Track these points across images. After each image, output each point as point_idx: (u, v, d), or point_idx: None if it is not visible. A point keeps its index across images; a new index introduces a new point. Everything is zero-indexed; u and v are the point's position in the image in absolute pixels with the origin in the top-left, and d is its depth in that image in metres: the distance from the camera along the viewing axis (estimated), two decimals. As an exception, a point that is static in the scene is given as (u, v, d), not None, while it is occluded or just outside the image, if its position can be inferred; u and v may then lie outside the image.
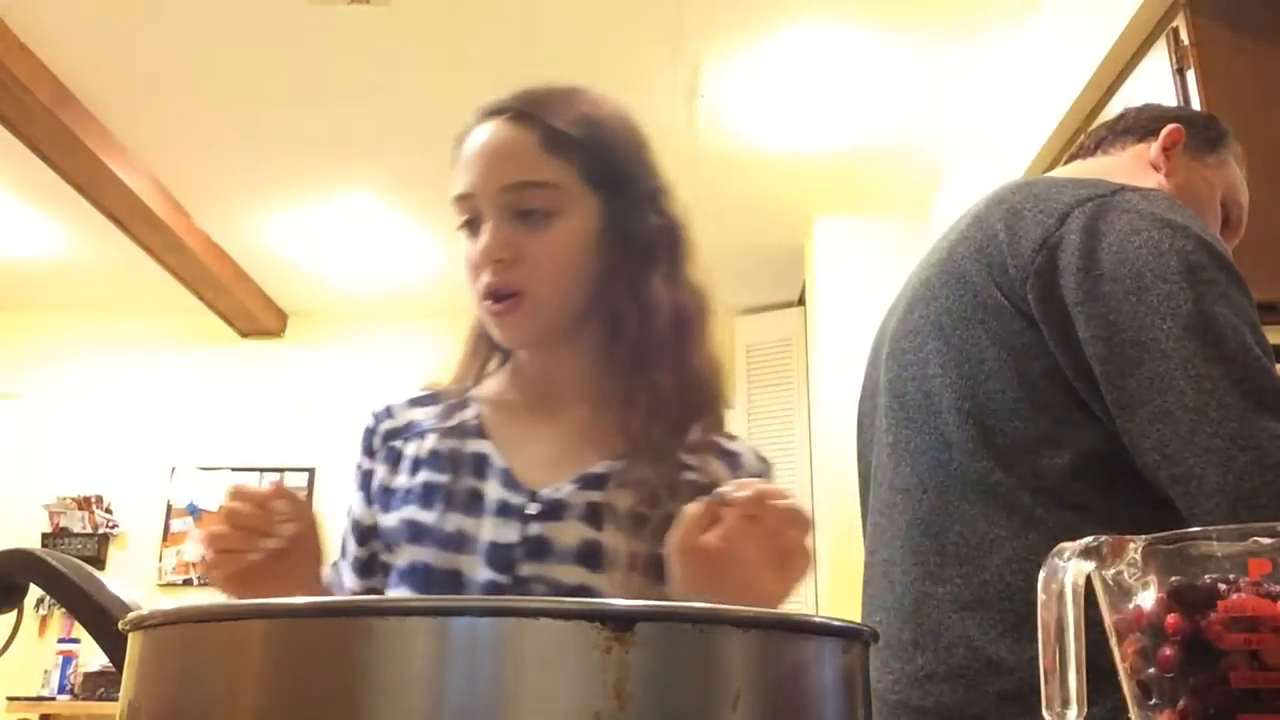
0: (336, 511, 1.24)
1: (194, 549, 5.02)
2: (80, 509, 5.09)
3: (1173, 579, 0.45)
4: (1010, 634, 0.90)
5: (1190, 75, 2.07)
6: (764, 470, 1.02)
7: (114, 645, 0.42)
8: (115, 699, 0.39)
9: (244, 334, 5.32)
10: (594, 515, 0.93)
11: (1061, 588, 0.47)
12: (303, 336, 5.41)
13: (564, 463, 0.97)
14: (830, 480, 3.83)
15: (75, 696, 4.55)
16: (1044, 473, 0.93)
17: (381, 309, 5.26)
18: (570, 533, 0.92)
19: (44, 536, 5.07)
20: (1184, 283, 0.89)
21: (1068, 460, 0.92)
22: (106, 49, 3.20)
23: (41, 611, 4.81)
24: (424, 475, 0.98)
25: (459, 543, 0.93)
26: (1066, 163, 1.27)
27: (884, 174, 3.89)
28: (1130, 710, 0.47)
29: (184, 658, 0.36)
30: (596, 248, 0.97)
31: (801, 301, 4.72)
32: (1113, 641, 0.48)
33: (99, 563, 5.02)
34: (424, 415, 1.04)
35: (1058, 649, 0.47)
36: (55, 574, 0.48)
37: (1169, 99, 2.11)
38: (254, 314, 5.10)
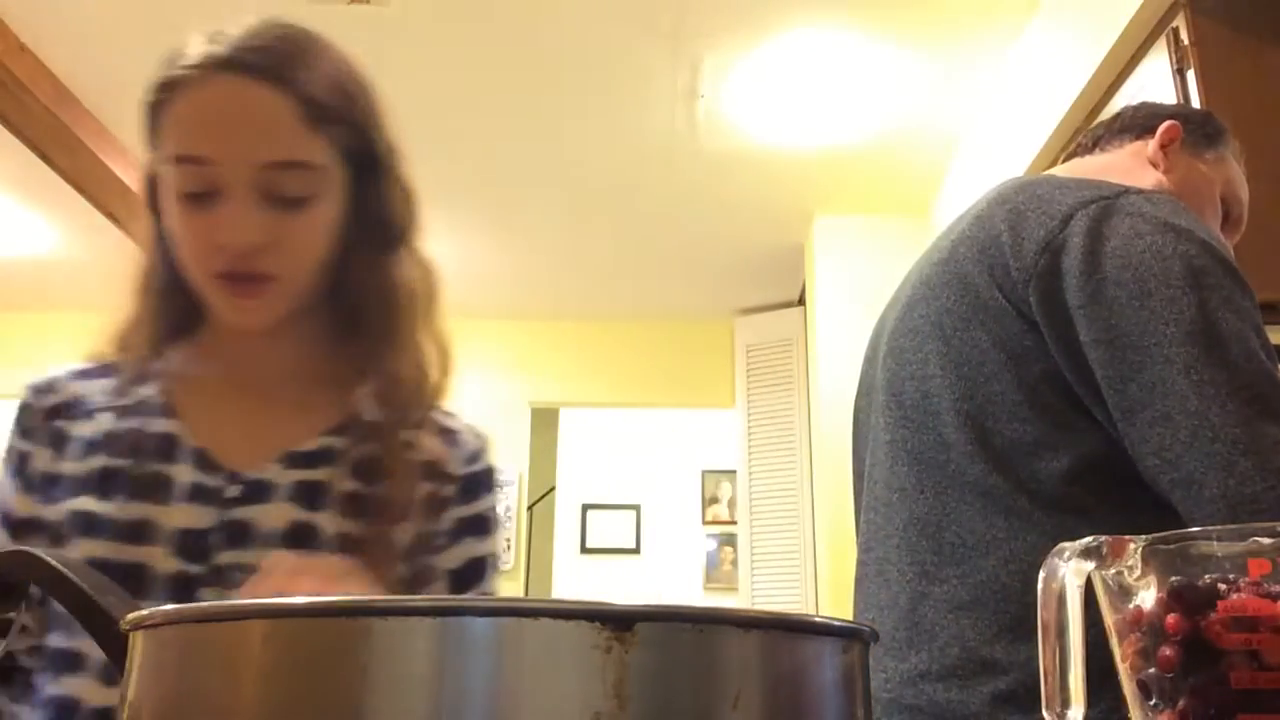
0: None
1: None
2: (80, 509, 5.08)
3: (1173, 579, 0.45)
4: (1005, 634, 0.91)
5: (1190, 75, 2.07)
6: (481, 447, 1.00)
7: (114, 645, 0.42)
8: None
9: (244, 334, 5.32)
10: (304, 495, 0.88)
11: (1062, 588, 0.47)
12: (303, 336, 5.40)
13: (268, 441, 0.90)
14: (830, 480, 3.83)
15: (75, 696, 4.54)
16: (1042, 476, 0.93)
17: (381, 309, 5.26)
18: (276, 515, 0.86)
19: (44, 536, 5.06)
20: (1187, 287, 0.89)
21: (1066, 464, 0.92)
22: (106, 49, 3.20)
23: (41, 611, 4.80)
24: (99, 460, 0.88)
25: (140, 534, 0.85)
26: (1065, 160, 1.27)
27: (884, 173, 3.89)
28: (1130, 710, 0.47)
29: (184, 658, 0.36)
30: (341, 227, 0.91)
31: (801, 301, 4.72)
32: (1113, 641, 0.48)
33: (99, 563, 5.01)
34: (95, 391, 0.93)
35: (1058, 649, 0.47)
36: (55, 574, 0.48)
37: (1169, 99, 2.11)
38: (254, 314, 5.10)
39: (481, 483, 0.98)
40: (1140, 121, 1.20)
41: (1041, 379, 0.94)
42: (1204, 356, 0.86)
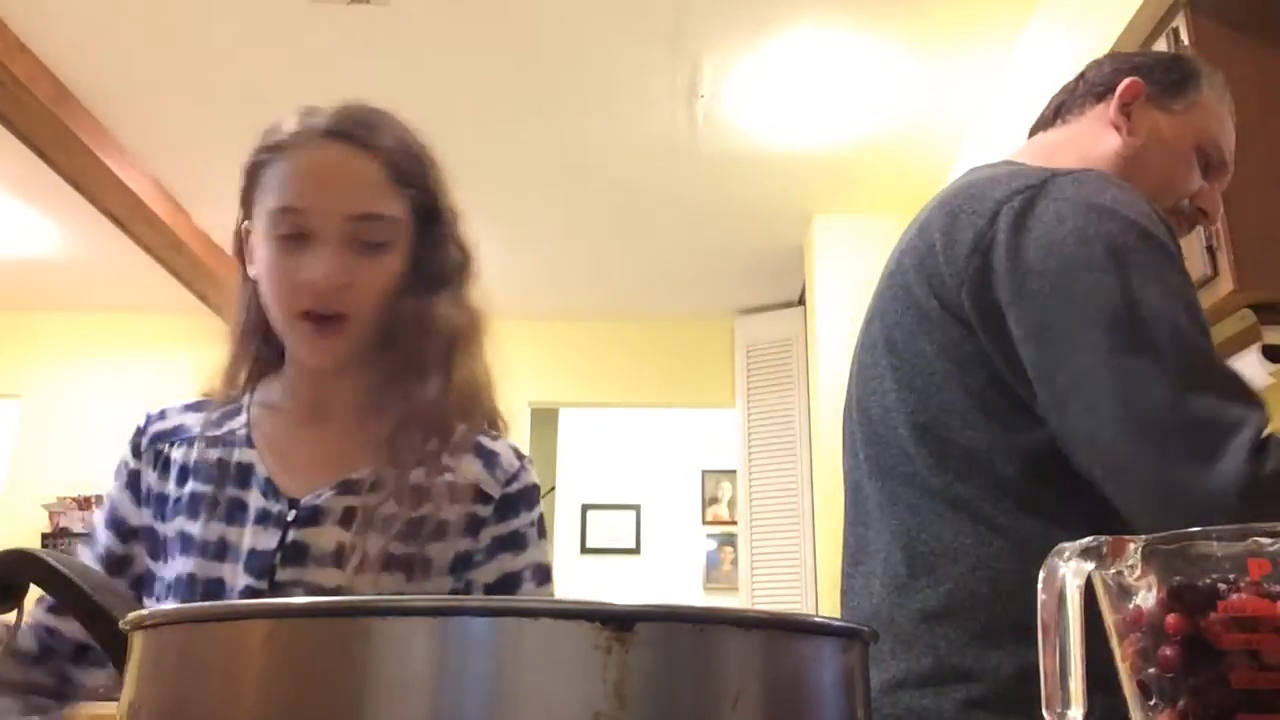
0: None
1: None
2: (80, 509, 5.09)
3: (1173, 579, 0.45)
4: (976, 642, 0.90)
5: (1190, 75, 2.07)
6: (521, 466, 1.07)
7: (114, 645, 0.42)
8: (115, 699, 0.39)
9: (244, 334, 5.32)
10: (350, 518, 0.98)
11: (1062, 588, 0.47)
12: (303, 336, 5.40)
13: (326, 469, 1.01)
14: (830, 480, 3.83)
15: (75, 696, 4.54)
16: (1002, 481, 0.92)
17: (381, 309, 5.27)
18: (327, 537, 0.97)
19: (44, 536, 5.07)
20: (1110, 268, 0.87)
21: (1021, 466, 0.92)
22: (106, 49, 3.19)
23: (41, 611, 4.81)
24: (190, 485, 1.01)
25: (221, 551, 0.98)
26: (1031, 134, 1.24)
27: (884, 173, 3.89)
28: (1130, 710, 0.47)
29: (184, 658, 0.36)
30: (403, 275, 1.02)
31: (801, 301, 4.72)
32: (1113, 641, 0.48)
33: (99, 563, 5.02)
34: (195, 421, 1.07)
35: (1058, 649, 0.47)
36: (55, 574, 0.48)
37: (1169, 99, 2.11)
38: (254, 314, 5.09)
39: (520, 502, 1.05)
40: (1104, 80, 1.14)
41: (988, 384, 0.93)
42: (1128, 342, 0.84)
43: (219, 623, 0.36)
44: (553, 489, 7.01)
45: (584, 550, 6.99)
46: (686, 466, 7.04)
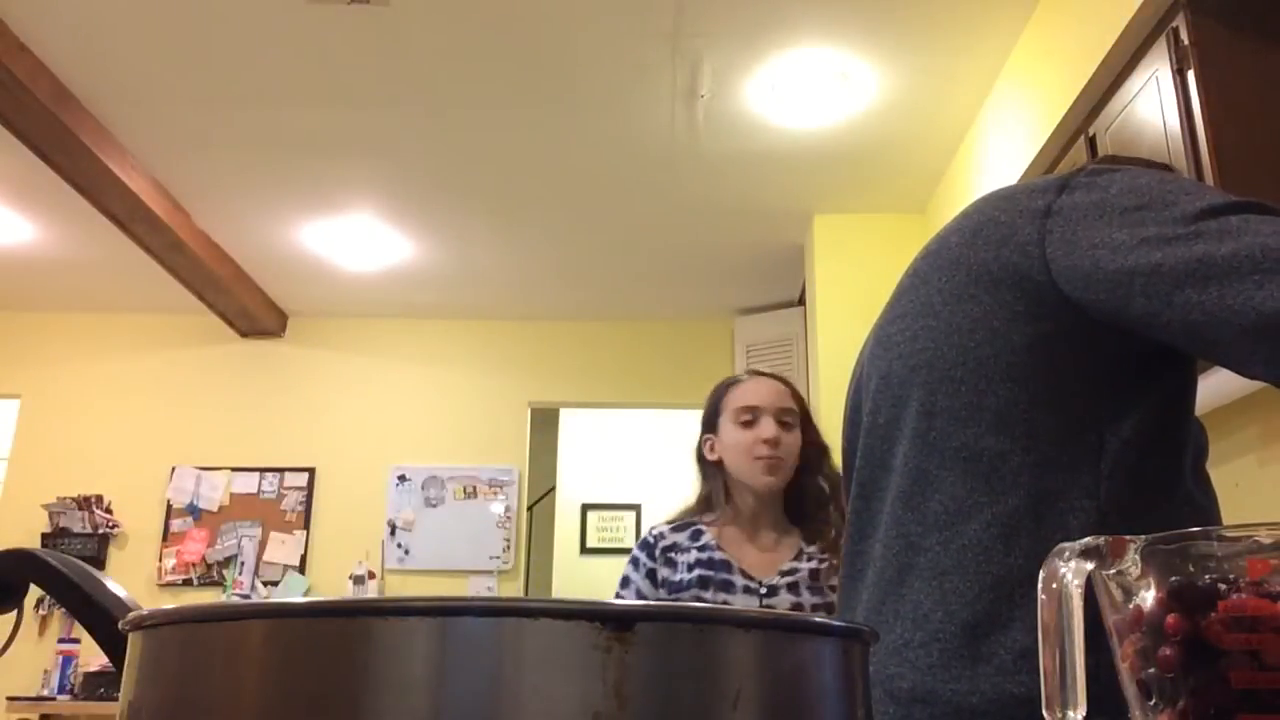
0: (338, 508, 1.27)
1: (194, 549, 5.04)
2: (80, 509, 5.09)
3: (1173, 579, 0.45)
4: (985, 595, 0.90)
5: (1190, 75, 2.07)
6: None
7: (114, 645, 0.42)
8: (115, 699, 0.39)
9: (244, 334, 5.32)
10: (792, 589, 1.90)
11: (1061, 587, 0.47)
12: (303, 336, 5.41)
13: (769, 564, 1.94)
14: (830, 480, 3.82)
15: (75, 696, 4.55)
16: (1036, 433, 0.92)
17: (381, 309, 5.27)
18: (783, 601, 1.88)
19: (44, 536, 5.07)
20: (1198, 186, 0.90)
21: (1061, 420, 0.92)
22: (106, 49, 3.20)
23: (41, 611, 4.81)
24: (697, 572, 1.90)
25: None
26: None
27: (884, 173, 3.89)
28: (1130, 710, 0.47)
29: (184, 658, 0.36)
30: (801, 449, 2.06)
31: (801, 301, 4.72)
32: (1113, 642, 0.48)
33: (99, 563, 5.03)
34: (681, 538, 1.97)
35: (1058, 649, 0.47)
36: (55, 574, 0.48)
37: (1169, 99, 2.11)
38: (254, 314, 5.10)
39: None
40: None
41: (1036, 341, 0.93)
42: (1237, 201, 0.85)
43: (219, 623, 0.36)
44: (553, 489, 7.01)
45: (584, 550, 6.99)
46: (686, 466, 7.03)
